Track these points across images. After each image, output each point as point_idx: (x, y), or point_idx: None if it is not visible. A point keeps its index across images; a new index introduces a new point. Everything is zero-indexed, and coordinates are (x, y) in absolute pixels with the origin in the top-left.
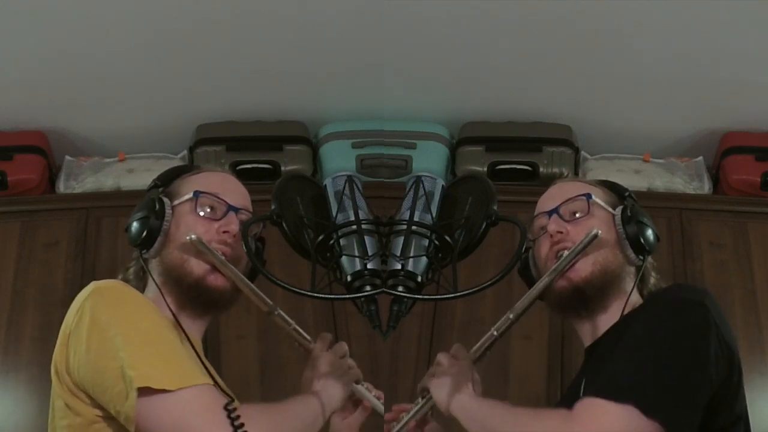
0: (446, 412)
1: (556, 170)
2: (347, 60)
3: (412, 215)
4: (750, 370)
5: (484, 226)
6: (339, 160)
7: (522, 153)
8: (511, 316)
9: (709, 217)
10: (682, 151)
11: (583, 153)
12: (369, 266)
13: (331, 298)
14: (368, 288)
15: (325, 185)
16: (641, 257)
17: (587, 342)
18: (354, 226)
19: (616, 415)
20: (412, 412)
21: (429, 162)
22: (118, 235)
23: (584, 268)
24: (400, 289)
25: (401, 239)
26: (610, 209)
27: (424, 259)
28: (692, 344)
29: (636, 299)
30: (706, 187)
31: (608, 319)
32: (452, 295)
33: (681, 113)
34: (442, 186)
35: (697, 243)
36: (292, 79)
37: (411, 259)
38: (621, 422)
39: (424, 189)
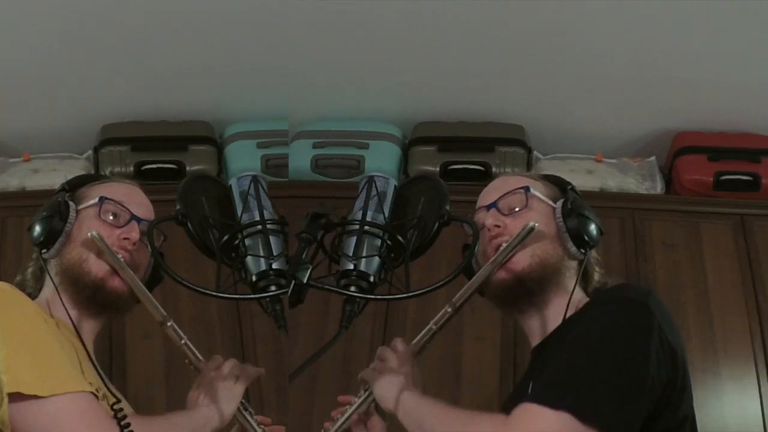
0: (385, 407)
1: (508, 170)
2: (252, 60)
3: (364, 215)
4: (702, 370)
5: (436, 226)
6: (244, 160)
7: (474, 153)
8: (449, 309)
9: (661, 217)
10: (635, 151)
11: (535, 153)
12: (274, 266)
13: (235, 297)
14: (273, 288)
15: (230, 185)
16: (583, 251)
17: (535, 341)
18: (259, 226)
19: (550, 422)
20: (354, 406)
21: (381, 162)
22: (23, 235)
23: (522, 260)
24: (353, 289)
25: (353, 239)
26: (550, 202)
27: (376, 259)
28: (633, 347)
29: (580, 296)
30: (659, 187)
31: (553, 316)
32: (404, 295)
33: (633, 113)
34: (395, 186)
35: (649, 243)
36: (197, 79)
37: (363, 259)
38: (555, 428)
39: (377, 189)
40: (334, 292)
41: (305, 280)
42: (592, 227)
